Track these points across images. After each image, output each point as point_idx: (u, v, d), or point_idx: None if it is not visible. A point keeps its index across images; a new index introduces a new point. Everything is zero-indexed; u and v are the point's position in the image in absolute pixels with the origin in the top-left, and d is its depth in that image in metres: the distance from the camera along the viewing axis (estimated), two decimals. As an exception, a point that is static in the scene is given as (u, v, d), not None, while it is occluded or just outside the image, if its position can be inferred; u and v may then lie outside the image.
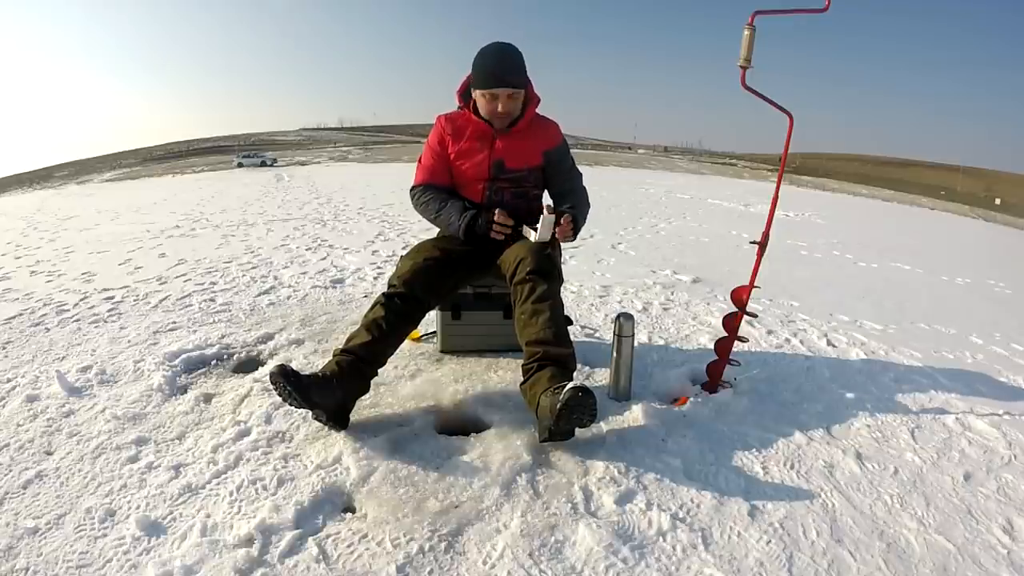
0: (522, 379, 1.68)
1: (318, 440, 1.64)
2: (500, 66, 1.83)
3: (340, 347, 1.73)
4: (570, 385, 1.45)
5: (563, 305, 1.78)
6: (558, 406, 1.45)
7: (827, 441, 1.77)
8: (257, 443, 1.62)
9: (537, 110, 1.99)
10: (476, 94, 1.89)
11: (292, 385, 1.54)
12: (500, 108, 1.84)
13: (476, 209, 1.89)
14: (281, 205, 8.26)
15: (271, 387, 1.62)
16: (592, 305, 3.07)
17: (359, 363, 1.69)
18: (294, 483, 1.46)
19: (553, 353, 1.64)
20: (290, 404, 1.61)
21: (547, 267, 1.76)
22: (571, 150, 2.09)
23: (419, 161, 2.03)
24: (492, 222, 1.84)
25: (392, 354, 1.80)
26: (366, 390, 1.74)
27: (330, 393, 1.61)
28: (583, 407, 1.46)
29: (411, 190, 2.03)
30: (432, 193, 1.97)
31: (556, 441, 1.59)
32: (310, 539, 1.28)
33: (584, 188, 2.08)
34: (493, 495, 1.43)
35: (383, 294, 1.80)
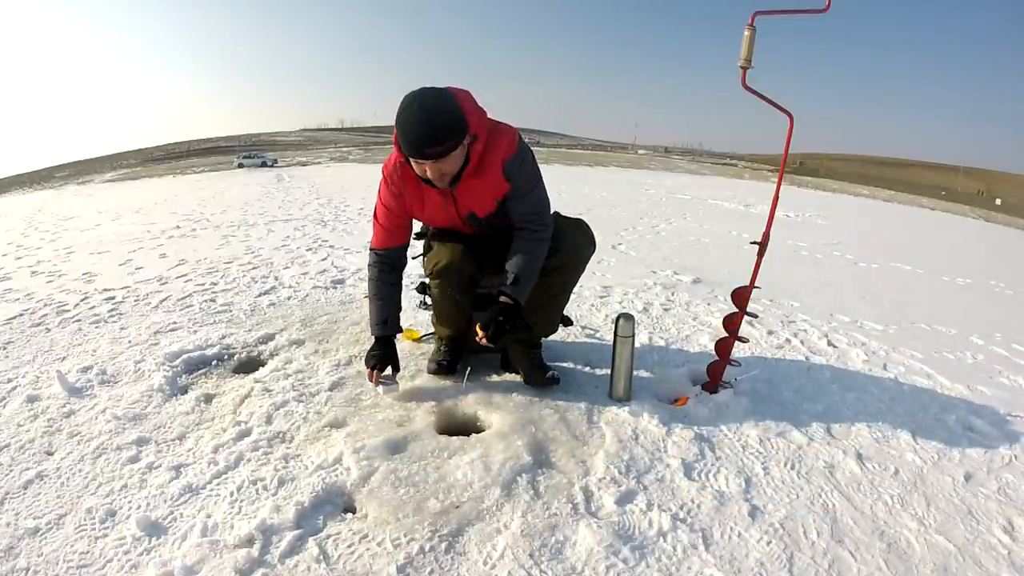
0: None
1: (318, 440, 1.64)
2: (419, 137, 1.56)
3: (442, 346, 2.10)
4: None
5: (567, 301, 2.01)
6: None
7: (827, 441, 1.77)
8: (258, 443, 1.62)
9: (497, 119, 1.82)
10: None
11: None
12: (430, 174, 1.64)
13: (383, 339, 1.92)
14: (282, 205, 8.27)
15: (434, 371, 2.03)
16: (592, 305, 3.07)
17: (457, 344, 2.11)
18: (295, 483, 1.46)
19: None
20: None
21: (580, 259, 1.95)
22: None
23: (374, 215, 1.90)
24: (372, 365, 1.88)
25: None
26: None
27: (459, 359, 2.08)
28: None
29: (369, 252, 1.94)
30: (376, 271, 1.89)
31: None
32: (311, 539, 1.28)
33: (544, 206, 1.85)
34: (493, 495, 1.43)
35: (436, 284, 1.95)
